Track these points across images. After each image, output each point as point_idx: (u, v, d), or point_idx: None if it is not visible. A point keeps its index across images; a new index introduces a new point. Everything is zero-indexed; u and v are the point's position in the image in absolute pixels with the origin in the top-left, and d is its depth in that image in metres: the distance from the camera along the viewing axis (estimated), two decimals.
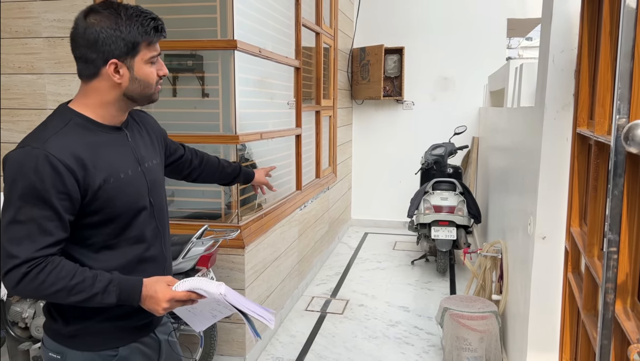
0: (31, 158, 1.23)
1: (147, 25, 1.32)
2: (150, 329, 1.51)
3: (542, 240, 2.23)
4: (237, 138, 2.99)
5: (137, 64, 1.34)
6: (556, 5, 2.08)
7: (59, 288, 1.24)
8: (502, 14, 6.09)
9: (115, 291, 1.28)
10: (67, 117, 1.34)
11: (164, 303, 1.30)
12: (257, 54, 3.27)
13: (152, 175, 1.49)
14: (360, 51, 6.30)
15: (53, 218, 1.25)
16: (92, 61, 1.31)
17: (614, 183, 1.14)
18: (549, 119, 2.14)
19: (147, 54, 1.35)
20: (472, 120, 6.26)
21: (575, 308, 1.96)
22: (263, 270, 3.38)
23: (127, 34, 1.29)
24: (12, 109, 3.09)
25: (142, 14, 1.33)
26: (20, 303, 2.76)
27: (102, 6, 1.31)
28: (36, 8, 2.99)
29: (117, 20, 1.29)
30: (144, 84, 1.36)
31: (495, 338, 3.00)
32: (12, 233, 1.23)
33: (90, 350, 1.39)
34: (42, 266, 1.23)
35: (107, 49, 1.29)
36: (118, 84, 1.33)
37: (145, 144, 1.51)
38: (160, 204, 1.52)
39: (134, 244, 1.42)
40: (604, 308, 1.18)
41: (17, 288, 1.23)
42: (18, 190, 1.23)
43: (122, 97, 1.36)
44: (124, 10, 1.31)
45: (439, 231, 4.66)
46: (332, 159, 5.60)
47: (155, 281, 1.33)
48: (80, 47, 1.31)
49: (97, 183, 1.30)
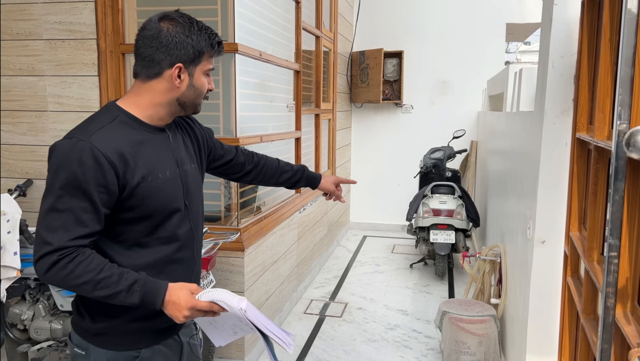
0: (76, 150, 1.27)
1: (213, 38, 1.42)
2: (174, 331, 1.53)
3: (541, 244, 2.24)
4: (238, 141, 2.99)
5: (197, 73, 1.41)
6: (556, 11, 2.09)
7: (86, 280, 1.26)
8: (501, 18, 6.11)
9: (139, 292, 1.29)
10: (114, 113, 1.38)
11: (185, 311, 1.30)
12: (258, 57, 3.28)
13: (190, 178, 1.52)
14: (359, 55, 6.32)
15: (89, 210, 1.28)
16: (159, 62, 1.36)
17: (614, 188, 1.14)
18: (549, 123, 2.15)
19: (207, 65, 1.43)
20: (470, 124, 6.28)
21: (575, 312, 1.97)
22: (262, 273, 3.38)
23: (196, 42, 1.38)
24: (13, 111, 3.09)
25: (209, 28, 1.43)
26: (19, 305, 2.76)
27: (176, 14, 1.39)
28: (37, 10, 2.99)
29: (190, 29, 1.38)
30: (198, 92, 1.43)
31: (494, 342, 3.00)
32: (49, 220, 1.27)
33: (114, 349, 1.41)
34: (72, 256, 1.26)
35: (177, 53, 1.36)
36: (176, 88, 1.39)
37: (186, 148, 1.55)
38: (197, 207, 1.54)
39: (165, 244, 1.44)
40: (604, 313, 1.18)
41: (47, 274, 1.27)
42: (60, 179, 1.26)
43: (174, 101, 1.41)
44: (194, 22, 1.40)
45: (437, 234, 4.67)
46: (331, 162, 5.61)
47: (180, 287, 1.33)
48: (149, 48, 1.36)
49: (136, 179, 1.34)
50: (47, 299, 2.77)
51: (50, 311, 2.77)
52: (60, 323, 2.71)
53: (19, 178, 3.09)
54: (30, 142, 3.08)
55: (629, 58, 1.12)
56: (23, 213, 2.68)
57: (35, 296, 2.78)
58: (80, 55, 2.99)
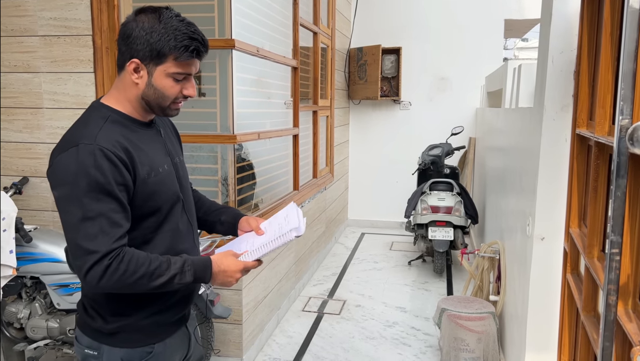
0: (88, 155, 1.25)
1: (180, 41, 1.32)
2: (183, 322, 1.57)
3: (541, 241, 2.23)
4: (235, 138, 2.97)
5: (158, 73, 1.35)
6: (555, 6, 2.07)
7: (141, 275, 1.28)
8: (500, 14, 6.09)
9: (190, 271, 1.34)
10: (104, 113, 1.36)
11: (238, 274, 1.43)
12: (255, 54, 3.25)
13: (180, 171, 1.53)
14: (357, 51, 6.30)
15: (119, 210, 1.28)
16: (122, 53, 1.36)
17: (616, 184, 1.13)
18: (548, 119, 2.13)
19: (172, 69, 1.34)
20: (469, 120, 6.27)
21: (575, 309, 1.96)
22: (260, 270, 3.36)
23: (156, 41, 1.31)
24: (8, 108, 3.06)
25: (183, 31, 1.33)
26: (16, 304, 2.74)
27: (151, 9, 1.35)
28: (32, 6, 2.96)
29: (154, 26, 1.32)
30: (159, 93, 1.37)
31: (492, 339, 3.00)
32: (84, 230, 1.24)
33: (129, 346, 1.42)
34: (121, 256, 1.26)
35: (134, 47, 1.33)
36: (135, 84, 1.36)
37: (171, 141, 1.56)
38: (189, 198, 1.57)
39: (169, 238, 1.45)
40: (605, 310, 1.17)
41: (100, 283, 1.25)
42: (81, 188, 1.24)
43: (140, 98, 1.39)
44: (167, 20, 1.33)
45: (436, 231, 4.66)
46: (329, 159, 5.59)
47: (224, 256, 1.43)
48: (119, 38, 1.36)
49: (142, 176, 1.34)
50: (43, 298, 2.76)
51: (47, 310, 2.75)
52: (57, 321, 2.69)
53: (14, 176, 3.07)
54: (26, 139, 3.06)
55: (631, 53, 1.11)
56: (19, 211, 2.66)
57: (32, 294, 2.77)
58: (76, 52, 2.96)
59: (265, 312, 3.49)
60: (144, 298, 1.40)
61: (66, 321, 2.68)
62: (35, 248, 2.64)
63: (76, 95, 2.99)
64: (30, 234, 2.61)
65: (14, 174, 3.08)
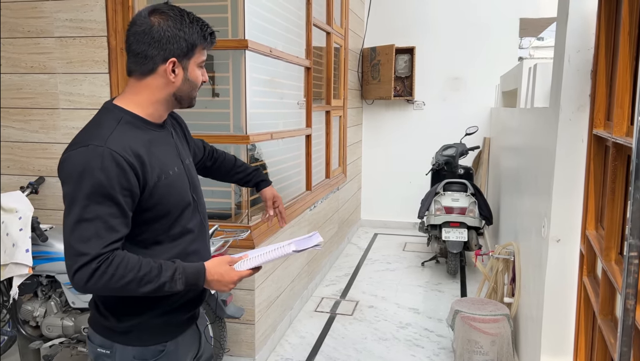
0: (96, 156, 1.25)
1: (205, 30, 1.39)
2: (194, 321, 1.58)
3: (556, 243, 2.20)
4: (248, 138, 2.98)
5: (191, 66, 1.39)
6: (572, 5, 2.04)
7: (129, 280, 1.27)
8: (515, 13, 6.03)
9: (182, 279, 1.33)
10: (118, 115, 1.36)
11: (231, 284, 1.42)
12: (268, 54, 3.26)
13: (192, 172, 1.54)
14: (370, 51, 6.27)
15: (118, 215, 1.28)
16: (152, 57, 1.34)
17: (635, 186, 1.11)
18: (565, 120, 2.10)
19: (200, 58, 1.40)
20: (483, 120, 6.21)
21: (591, 312, 1.93)
22: (273, 271, 3.36)
23: (189, 35, 1.35)
24: (25, 109, 3.10)
25: (201, 19, 1.40)
26: (31, 302, 2.77)
27: (166, 7, 1.35)
28: (48, 8, 3.00)
29: (182, 21, 1.35)
30: (193, 85, 1.41)
31: (507, 342, 2.96)
32: (80, 231, 1.25)
33: (142, 345, 1.43)
34: (110, 260, 1.26)
35: (170, 47, 1.33)
36: (172, 83, 1.37)
37: (182, 142, 1.56)
38: (202, 199, 1.58)
39: (180, 239, 1.46)
40: (624, 315, 1.15)
41: (87, 285, 1.26)
42: (84, 188, 1.25)
43: (171, 96, 1.40)
44: (180, 14, 1.36)
45: (449, 232, 4.63)
46: (342, 160, 5.58)
47: (218, 264, 1.40)
48: (141, 44, 1.33)
49: (153, 180, 1.34)
50: (59, 297, 2.79)
51: (62, 308, 2.78)
52: (72, 320, 2.72)
53: (31, 176, 3.11)
54: (42, 139, 3.09)
55: None
56: (35, 211, 2.69)
57: (47, 293, 2.80)
58: (91, 53, 2.99)
59: (277, 312, 3.49)
60: (154, 297, 1.40)
61: (81, 320, 2.71)
62: (50, 247, 2.67)
63: (91, 95, 3.02)
64: (46, 233, 2.64)
65: (30, 173, 3.12)
